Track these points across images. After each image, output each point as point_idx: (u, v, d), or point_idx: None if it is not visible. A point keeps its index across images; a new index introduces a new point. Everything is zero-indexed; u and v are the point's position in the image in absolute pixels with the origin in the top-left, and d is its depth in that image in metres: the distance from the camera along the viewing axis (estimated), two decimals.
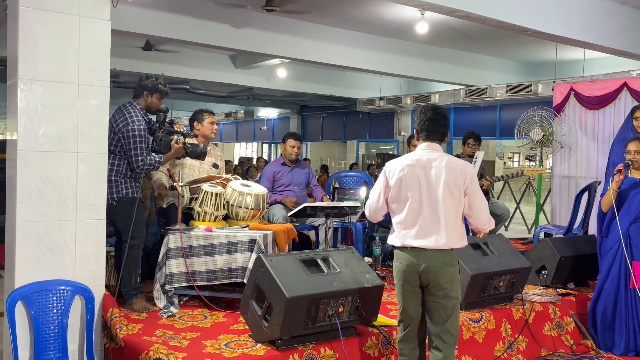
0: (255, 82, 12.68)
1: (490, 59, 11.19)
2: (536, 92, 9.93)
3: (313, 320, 3.31)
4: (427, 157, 3.15)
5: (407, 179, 3.13)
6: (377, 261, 5.58)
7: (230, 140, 24.01)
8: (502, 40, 9.34)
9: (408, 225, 3.13)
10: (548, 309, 4.58)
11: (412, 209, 3.12)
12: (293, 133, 5.78)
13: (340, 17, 8.47)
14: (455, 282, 3.16)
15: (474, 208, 3.18)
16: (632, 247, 4.36)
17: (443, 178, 3.10)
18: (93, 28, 3.79)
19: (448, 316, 3.14)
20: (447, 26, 8.49)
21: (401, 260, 3.17)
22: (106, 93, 3.85)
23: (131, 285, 4.09)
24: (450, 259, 3.13)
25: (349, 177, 6.66)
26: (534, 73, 11.54)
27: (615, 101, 6.97)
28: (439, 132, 3.22)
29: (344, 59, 9.55)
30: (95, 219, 3.83)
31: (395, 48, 9.89)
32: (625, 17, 7.35)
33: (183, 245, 4.11)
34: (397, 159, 3.25)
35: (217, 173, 4.88)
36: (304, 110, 18.08)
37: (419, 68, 10.41)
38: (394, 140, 15.08)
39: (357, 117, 15.54)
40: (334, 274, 3.46)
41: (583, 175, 7.28)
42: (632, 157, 4.40)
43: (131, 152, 3.97)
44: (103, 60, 3.84)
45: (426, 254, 3.09)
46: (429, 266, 3.08)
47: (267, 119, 19.98)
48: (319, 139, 18.36)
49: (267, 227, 4.34)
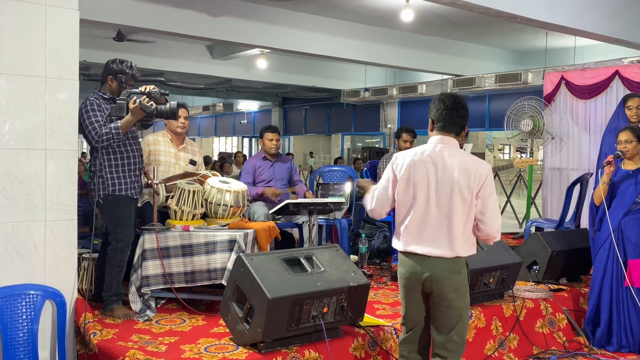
0: (234, 73, 12.66)
1: (478, 47, 11.27)
2: (526, 81, 10.04)
3: (297, 321, 3.31)
4: (440, 153, 2.97)
5: (416, 177, 2.97)
6: (363, 259, 5.60)
7: (209, 135, 23.92)
8: (491, 28, 9.41)
9: (413, 229, 2.99)
10: (540, 306, 4.63)
11: (419, 211, 2.97)
12: (269, 126, 5.77)
13: (323, 4, 8.47)
14: (462, 291, 3.01)
15: (487, 212, 2.97)
16: (624, 240, 4.42)
17: (455, 179, 2.92)
18: (60, 17, 3.73)
19: (453, 325, 3.01)
20: (434, 14, 8.53)
21: (404, 266, 3.05)
22: (75, 86, 3.80)
23: (112, 291, 4.05)
24: (457, 267, 2.98)
25: (333, 172, 6.67)
26: (523, 61, 11.65)
27: (607, 90, 7.05)
28: (457, 123, 3.02)
29: (326, 48, 9.56)
30: (65, 220, 3.78)
31: (380, 37, 9.92)
32: (615, 3, 7.45)
33: (159, 246, 4.09)
34: (407, 152, 3.07)
35: (195, 169, 4.85)
36: (286, 102, 18.06)
37: (404, 57, 10.46)
38: (380, 133, 15.14)
39: (342, 109, 15.58)
40: (318, 273, 3.47)
41: (575, 167, 7.36)
42: (623, 147, 4.44)
43: (84, 130, 3.85)
44: (72, 51, 3.79)
45: (430, 261, 2.95)
46: (433, 275, 2.95)
47: (247, 112, 19.94)
48: (302, 132, 18.37)
49: (247, 226, 4.33)
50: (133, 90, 3.99)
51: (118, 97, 4.00)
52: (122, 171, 4.01)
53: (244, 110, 20.06)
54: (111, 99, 4.03)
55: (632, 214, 4.42)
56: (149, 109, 3.85)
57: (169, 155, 4.77)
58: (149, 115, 3.91)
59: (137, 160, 4.12)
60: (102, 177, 3.95)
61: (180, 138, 4.89)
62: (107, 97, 4.04)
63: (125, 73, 4.04)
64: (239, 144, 24.40)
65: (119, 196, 3.99)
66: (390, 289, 5.01)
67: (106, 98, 4.03)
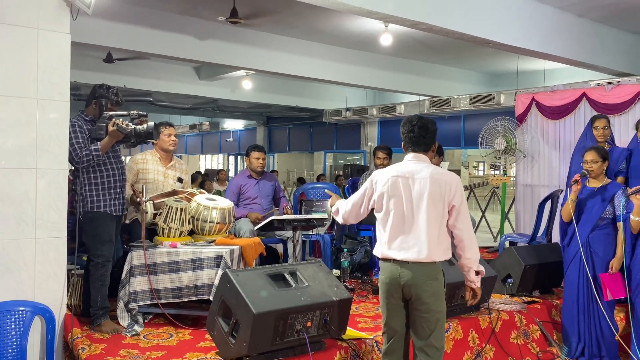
0: (220, 93, 12.66)
1: (453, 70, 11.41)
2: (499, 102, 10.15)
3: (281, 335, 3.29)
4: (412, 169, 3.15)
5: (392, 191, 3.13)
6: (345, 273, 5.58)
7: (196, 152, 23.83)
8: (465, 51, 9.54)
9: (391, 238, 3.11)
10: (514, 318, 4.66)
11: (396, 221, 3.11)
12: (256, 145, 5.77)
13: (305, 29, 8.53)
14: (439, 295, 3.10)
15: (460, 219, 3.11)
16: (592, 254, 4.48)
17: (427, 190, 3.07)
18: (52, 41, 3.73)
19: (432, 330, 3.08)
20: (411, 38, 8.63)
21: (384, 272, 3.16)
22: (66, 108, 3.79)
23: (98, 305, 4.00)
24: (433, 272, 3.08)
25: (316, 189, 6.68)
26: (496, 83, 11.81)
27: (575, 111, 7.16)
28: (419, 143, 3.19)
29: (309, 70, 9.61)
30: (55, 237, 3.75)
31: (360, 60, 10.01)
32: (583, 29, 7.60)
33: (147, 262, 4.05)
34: (385, 169, 3.26)
35: (182, 187, 4.83)
36: (270, 121, 18.07)
37: (383, 79, 10.55)
38: (361, 150, 15.19)
39: (324, 128, 15.62)
40: (302, 288, 3.46)
41: (546, 184, 7.43)
42: (589, 166, 4.51)
43: (68, 150, 3.85)
44: (63, 74, 3.79)
45: (408, 266, 3.05)
46: (411, 279, 3.04)
47: (232, 131, 19.91)
48: (286, 150, 18.37)
49: (233, 242, 4.31)
50: (114, 113, 4.03)
51: (99, 119, 4.02)
52: (102, 189, 4.00)
53: (229, 129, 20.03)
54: (92, 121, 4.05)
55: (598, 229, 4.49)
56: (126, 131, 3.91)
57: (157, 174, 4.75)
58: (127, 136, 3.95)
59: (119, 178, 4.11)
60: (83, 195, 3.95)
61: (168, 157, 4.87)
62: (88, 119, 4.05)
63: (107, 98, 4.07)
64: (224, 162, 24.32)
65: (99, 213, 3.98)
66: (371, 302, 5.00)
67: (87, 120, 4.05)
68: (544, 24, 7.09)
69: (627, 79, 7.04)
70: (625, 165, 5.24)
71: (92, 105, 4.09)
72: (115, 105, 4.14)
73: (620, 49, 8.20)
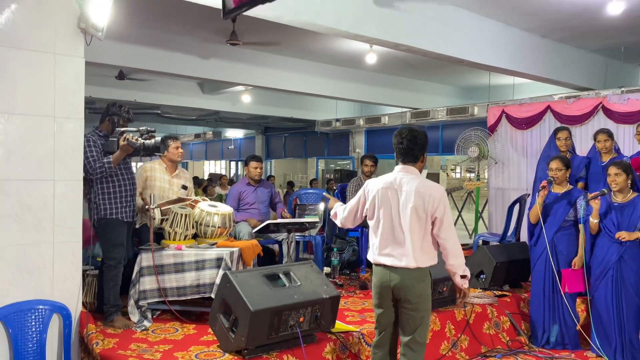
0: (221, 106, 12.64)
1: (432, 84, 11.45)
2: (473, 113, 10.19)
3: (276, 330, 3.29)
4: (400, 180, 3.09)
5: (381, 201, 3.10)
6: (335, 270, 5.60)
7: (200, 159, 23.75)
8: (442, 68, 9.58)
9: (382, 245, 3.10)
10: (486, 310, 4.68)
11: (385, 230, 3.09)
12: (254, 156, 5.78)
13: (298, 49, 8.54)
14: (425, 296, 3.09)
15: (443, 229, 3.06)
16: (557, 253, 4.51)
17: (412, 202, 3.02)
18: (68, 65, 3.72)
19: (417, 326, 3.08)
20: (393, 57, 8.65)
21: (376, 275, 3.14)
22: (81, 124, 3.78)
23: (111, 303, 4.00)
24: (420, 276, 3.06)
25: (309, 194, 6.69)
26: (470, 96, 11.86)
27: (540, 122, 7.23)
28: (408, 154, 3.12)
29: (302, 86, 9.63)
30: (72, 241, 3.73)
31: (348, 76, 10.03)
32: (547, 49, 7.65)
33: (155, 263, 4.04)
34: (377, 179, 3.21)
35: (186, 194, 4.83)
36: (268, 130, 18.06)
37: (369, 93, 10.57)
38: (350, 157, 15.21)
39: (316, 136, 15.62)
40: (295, 287, 3.46)
41: (515, 187, 7.49)
42: (553, 174, 4.54)
43: (83, 162, 3.85)
44: (78, 94, 3.77)
45: (397, 271, 3.04)
46: (400, 283, 3.04)
47: (234, 139, 19.87)
48: (282, 156, 18.36)
49: (233, 244, 4.31)
50: (125, 129, 4.05)
51: (111, 134, 4.03)
52: (114, 197, 4.00)
53: (231, 137, 19.98)
54: (105, 136, 4.06)
55: (562, 230, 4.52)
56: (136, 145, 3.95)
57: (163, 182, 4.74)
58: (137, 150, 3.97)
59: (129, 188, 4.11)
60: (97, 203, 3.95)
61: (174, 166, 4.87)
62: (102, 135, 4.06)
63: (120, 115, 4.10)
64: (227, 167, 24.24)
65: (111, 219, 3.98)
66: (358, 297, 5.01)
67: (101, 135, 4.06)
68: (512, 45, 7.13)
69: (587, 92, 7.11)
70: (585, 172, 5.29)
71: (106, 122, 4.11)
72: (126, 121, 4.17)
73: (580, 66, 8.26)
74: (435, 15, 6.09)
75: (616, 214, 4.26)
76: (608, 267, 4.25)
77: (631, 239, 4.15)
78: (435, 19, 6.10)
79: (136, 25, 7.25)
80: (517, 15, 6.66)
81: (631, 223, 4.18)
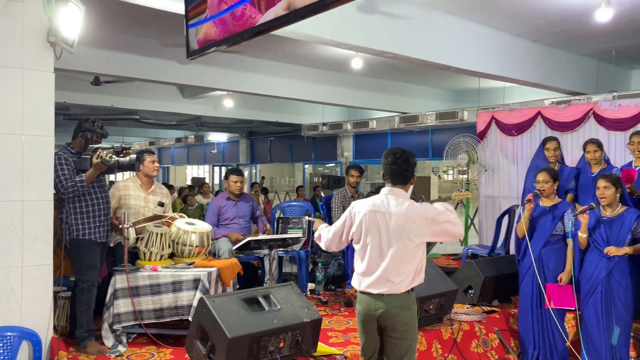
0: (203, 111, 12.63)
1: (420, 88, 11.54)
2: (462, 118, 10.28)
3: (255, 356, 3.31)
4: (388, 203, 3.08)
5: (368, 225, 3.09)
6: (320, 286, 5.63)
7: (182, 164, 23.67)
8: (431, 71, 9.62)
9: (368, 272, 3.09)
10: (474, 327, 4.73)
11: (373, 256, 3.08)
12: (234, 169, 5.79)
13: (281, 53, 8.57)
14: (411, 324, 3.11)
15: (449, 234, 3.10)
16: (544, 268, 4.58)
17: (403, 226, 3.02)
18: (37, 80, 3.73)
19: (402, 355, 3.09)
20: (380, 61, 8.69)
21: (361, 304, 3.15)
22: (51, 142, 3.78)
23: (84, 327, 3.99)
24: (407, 303, 3.08)
25: (292, 207, 6.71)
26: (460, 99, 11.97)
27: (531, 128, 7.31)
28: (400, 175, 3.12)
29: (286, 91, 9.65)
30: (41, 264, 3.73)
31: (334, 80, 10.07)
32: (537, 54, 7.75)
33: (130, 285, 4.05)
34: (362, 201, 3.19)
35: (163, 211, 4.83)
36: (252, 134, 18.06)
37: (356, 98, 10.62)
38: (338, 162, 15.27)
39: (303, 140, 15.64)
40: (275, 311, 3.48)
41: (506, 195, 7.56)
42: (540, 186, 4.60)
43: (54, 181, 3.85)
44: (47, 111, 3.78)
45: (383, 299, 3.05)
46: (386, 311, 3.05)
47: (217, 143, 19.82)
48: (268, 161, 18.36)
49: (211, 264, 4.32)
50: (98, 146, 4.05)
51: (84, 151, 4.02)
52: (87, 217, 4.00)
53: (214, 141, 19.94)
54: (78, 153, 4.05)
55: (550, 245, 4.58)
56: (109, 163, 3.93)
57: (138, 199, 4.74)
58: (111, 168, 3.95)
59: (103, 207, 4.11)
60: (69, 224, 3.95)
61: (150, 182, 4.86)
62: (74, 152, 4.06)
63: (93, 131, 4.10)
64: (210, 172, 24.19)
65: (84, 240, 3.98)
66: (343, 315, 5.04)
67: (73, 152, 4.06)
68: (501, 50, 7.22)
69: (578, 97, 7.20)
70: (574, 183, 5.37)
71: (79, 138, 4.10)
72: (100, 137, 4.17)
73: (572, 70, 8.38)
74: (421, 22, 6.16)
75: (605, 228, 4.34)
76: (597, 283, 4.32)
77: (619, 254, 4.22)
78: (421, 25, 6.17)
79: (111, 31, 7.24)
80: (507, 20, 6.75)
81: (620, 238, 4.26)
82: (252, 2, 3.19)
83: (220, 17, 3.51)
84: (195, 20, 3.84)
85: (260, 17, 3.15)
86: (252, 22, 3.23)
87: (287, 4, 2.92)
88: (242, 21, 3.30)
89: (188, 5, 3.93)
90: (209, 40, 3.72)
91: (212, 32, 3.65)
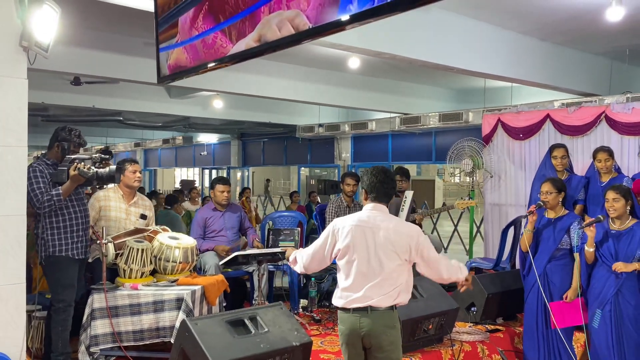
0: (191, 111, 12.61)
1: (422, 87, 11.53)
2: (467, 120, 10.30)
3: None
4: (375, 219, 3.23)
5: (355, 240, 3.20)
6: (313, 303, 5.64)
7: (170, 166, 23.67)
8: (433, 70, 9.63)
9: (354, 287, 3.18)
10: (477, 348, 4.75)
11: (359, 272, 3.18)
12: (221, 178, 5.80)
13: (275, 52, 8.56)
14: (396, 344, 3.22)
15: (431, 264, 3.25)
16: (549, 284, 4.59)
17: (391, 241, 3.17)
18: (9, 87, 3.73)
19: None
20: (379, 60, 8.72)
21: (344, 323, 3.22)
22: (24, 153, 3.79)
23: (59, 351, 4.00)
24: (391, 321, 3.19)
25: (284, 218, 6.72)
26: (464, 100, 11.97)
27: (539, 132, 7.33)
28: (388, 194, 3.33)
29: (280, 91, 9.62)
30: (14, 284, 3.73)
31: (330, 79, 10.06)
32: (546, 52, 7.76)
33: (108, 305, 4.06)
34: (346, 217, 3.33)
35: (146, 224, 4.84)
36: (245, 135, 18.05)
37: (354, 98, 10.61)
38: (335, 165, 15.27)
39: (298, 142, 15.65)
40: (262, 334, 3.50)
41: (513, 203, 7.57)
42: (544, 197, 4.62)
43: (29, 195, 3.85)
44: (20, 119, 3.78)
45: (368, 315, 3.14)
46: (371, 330, 3.14)
47: (207, 144, 19.81)
48: (261, 163, 18.35)
49: (195, 282, 4.33)
50: (76, 156, 4.03)
51: (61, 162, 4.01)
52: (64, 232, 4.01)
53: (204, 143, 19.93)
54: (54, 165, 4.04)
55: (555, 260, 4.60)
56: (88, 175, 3.92)
57: (119, 211, 4.75)
58: (89, 180, 3.95)
59: (81, 221, 4.12)
60: (44, 239, 3.96)
61: (132, 193, 4.87)
62: (49, 163, 4.06)
63: (70, 140, 4.09)
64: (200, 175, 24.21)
65: (60, 257, 3.99)
66: (336, 334, 5.02)
67: (49, 164, 4.05)
68: (507, 49, 7.23)
69: (590, 99, 7.23)
70: (583, 193, 5.39)
71: (55, 148, 4.10)
72: (78, 147, 4.16)
73: (583, 70, 8.38)
74: (420, 21, 6.16)
75: (613, 242, 4.35)
76: (605, 302, 4.33)
77: (628, 270, 4.22)
78: (420, 24, 6.17)
79: (90, 29, 7.24)
80: (513, 18, 6.76)
81: (629, 253, 4.27)
82: (223, 31, 3.26)
83: (192, 44, 3.60)
84: (166, 44, 3.93)
85: (232, 47, 3.24)
86: (223, 52, 3.33)
87: (258, 35, 3.00)
88: (212, 50, 3.42)
89: (159, 29, 3.99)
90: (181, 67, 3.83)
91: (183, 58, 3.74)
